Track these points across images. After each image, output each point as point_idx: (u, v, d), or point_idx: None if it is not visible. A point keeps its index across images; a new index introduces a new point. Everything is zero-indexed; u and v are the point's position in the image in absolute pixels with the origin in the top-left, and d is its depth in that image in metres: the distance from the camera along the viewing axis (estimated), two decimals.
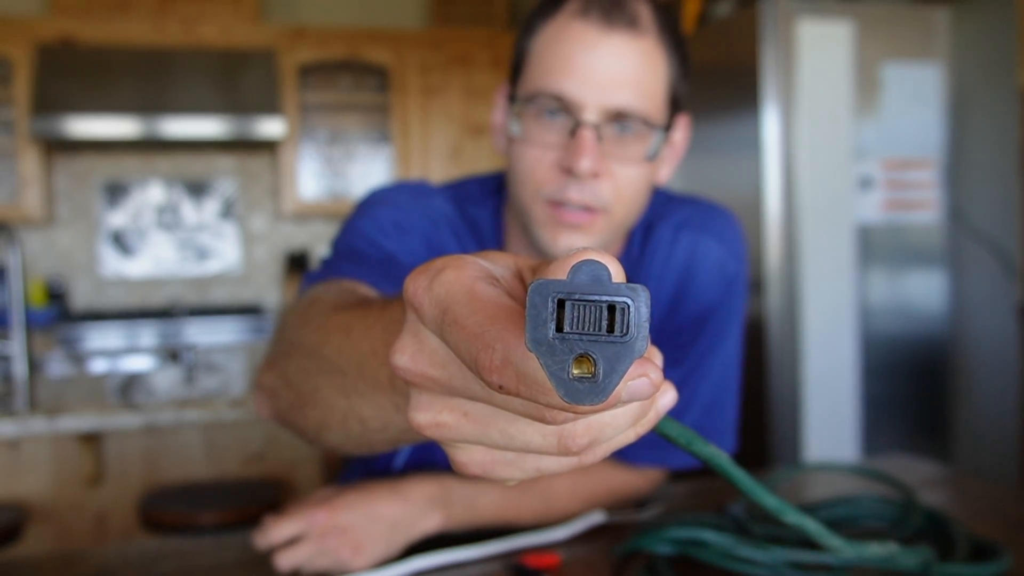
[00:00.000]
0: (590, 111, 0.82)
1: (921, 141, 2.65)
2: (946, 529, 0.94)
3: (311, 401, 0.62)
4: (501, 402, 0.36)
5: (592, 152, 0.81)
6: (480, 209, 0.97)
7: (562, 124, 0.83)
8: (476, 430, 0.37)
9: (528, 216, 0.87)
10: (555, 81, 0.82)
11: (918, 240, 2.65)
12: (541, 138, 0.83)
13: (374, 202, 0.95)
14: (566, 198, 0.83)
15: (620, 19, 0.82)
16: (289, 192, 4.38)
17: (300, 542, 0.83)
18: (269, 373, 0.72)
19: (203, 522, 1.99)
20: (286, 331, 0.71)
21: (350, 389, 0.56)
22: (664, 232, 0.97)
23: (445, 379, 0.37)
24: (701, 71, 2.87)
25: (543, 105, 0.83)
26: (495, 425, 0.37)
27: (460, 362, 0.36)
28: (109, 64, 4.07)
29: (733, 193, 2.68)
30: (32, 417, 1.88)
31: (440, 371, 0.37)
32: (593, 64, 0.81)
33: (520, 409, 0.35)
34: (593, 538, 1.00)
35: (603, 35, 0.81)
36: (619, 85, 0.82)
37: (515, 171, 0.87)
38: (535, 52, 0.85)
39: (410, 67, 4.46)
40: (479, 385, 0.36)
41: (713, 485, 1.24)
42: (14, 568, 0.96)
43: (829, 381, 2.54)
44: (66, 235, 4.38)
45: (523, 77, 0.86)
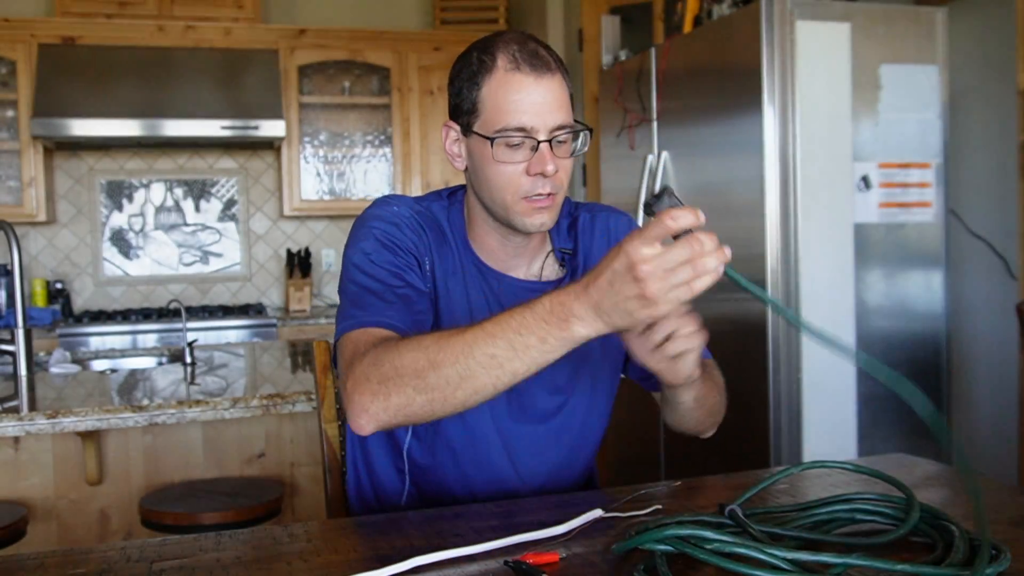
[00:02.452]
0: (542, 132, 1.19)
1: (919, 142, 2.65)
2: (945, 528, 0.94)
3: (463, 385, 1.02)
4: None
5: (551, 159, 1.19)
6: (435, 204, 1.32)
7: (525, 146, 1.19)
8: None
9: (508, 210, 1.22)
10: (514, 119, 1.18)
11: (916, 240, 2.66)
12: (511, 158, 1.19)
13: (361, 237, 1.26)
14: (538, 193, 1.20)
15: (541, 66, 1.19)
16: (290, 192, 4.38)
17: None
18: (384, 397, 1.05)
19: (204, 521, 1.99)
20: (387, 364, 1.05)
21: (504, 363, 1.00)
22: (584, 217, 1.38)
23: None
24: (700, 71, 2.88)
25: (510, 136, 1.18)
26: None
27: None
28: (111, 65, 4.07)
29: (732, 193, 2.69)
30: (34, 416, 1.89)
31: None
32: (535, 101, 1.18)
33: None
34: (592, 536, 1.00)
35: (536, 80, 1.18)
36: (553, 110, 1.19)
37: (494, 182, 1.21)
38: (489, 99, 1.20)
39: (410, 68, 4.47)
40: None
41: (713, 484, 1.25)
42: (16, 567, 0.96)
43: (828, 381, 2.55)
44: (68, 235, 4.38)
45: (483, 119, 1.20)
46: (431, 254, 1.26)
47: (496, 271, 1.29)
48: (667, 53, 3.02)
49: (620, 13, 3.77)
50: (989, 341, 3.11)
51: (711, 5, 2.87)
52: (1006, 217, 2.95)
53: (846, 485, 1.20)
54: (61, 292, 4.25)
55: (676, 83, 2.99)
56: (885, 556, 0.88)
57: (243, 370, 2.61)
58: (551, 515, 1.10)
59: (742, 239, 2.63)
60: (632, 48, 3.54)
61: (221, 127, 4.02)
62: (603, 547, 0.97)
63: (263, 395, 2.05)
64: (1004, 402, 2.99)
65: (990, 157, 3.07)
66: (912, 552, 0.93)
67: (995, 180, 3.04)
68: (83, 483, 2.21)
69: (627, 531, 0.96)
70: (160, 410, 1.97)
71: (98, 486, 2.22)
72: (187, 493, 2.15)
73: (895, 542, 0.94)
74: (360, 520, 1.13)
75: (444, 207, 1.32)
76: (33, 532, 2.11)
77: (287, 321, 4.10)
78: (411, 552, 0.95)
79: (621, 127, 3.34)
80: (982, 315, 3.12)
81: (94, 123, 3.91)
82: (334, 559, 0.96)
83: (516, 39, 1.21)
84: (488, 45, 1.21)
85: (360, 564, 0.94)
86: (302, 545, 1.02)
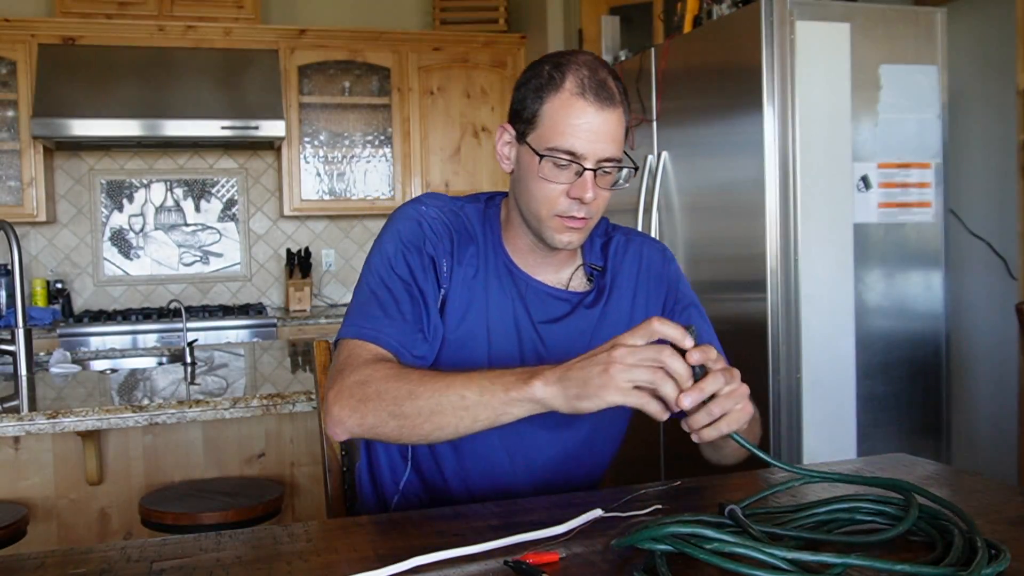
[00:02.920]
0: (589, 161, 1.22)
1: (918, 142, 2.65)
2: (945, 528, 0.95)
3: (431, 419, 1.11)
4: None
5: (592, 187, 1.22)
6: (470, 206, 1.36)
7: (571, 169, 1.22)
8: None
9: (541, 223, 1.26)
10: (567, 142, 1.21)
11: (916, 240, 2.66)
12: (556, 178, 1.23)
13: (386, 239, 1.30)
14: (572, 215, 1.24)
15: (606, 97, 1.21)
16: (290, 192, 4.39)
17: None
18: (361, 414, 1.14)
19: (204, 521, 1.99)
20: (372, 386, 1.14)
21: (472, 406, 1.09)
22: (619, 239, 1.42)
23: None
24: (700, 72, 2.88)
25: (558, 156, 1.21)
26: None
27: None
28: (111, 65, 4.07)
29: (732, 193, 2.69)
30: (34, 416, 1.89)
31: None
32: (591, 129, 1.21)
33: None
34: (592, 535, 1.01)
35: (597, 110, 1.21)
36: (605, 142, 1.22)
37: (533, 194, 1.25)
38: (548, 116, 1.23)
39: (410, 68, 4.47)
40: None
41: (713, 484, 1.25)
42: (16, 567, 0.96)
43: (828, 380, 2.55)
44: (68, 235, 4.38)
45: (537, 132, 1.24)
46: (450, 257, 1.29)
47: (525, 273, 1.32)
48: (667, 53, 3.02)
49: (620, 13, 3.77)
50: (989, 341, 3.11)
51: (711, 5, 2.87)
52: (1006, 217, 2.95)
53: (846, 485, 1.20)
54: (61, 292, 4.25)
55: (676, 83, 2.99)
56: (885, 556, 0.88)
57: (243, 370, 2.61)
58: (551, 515, 1.10)
59: (742, 239, 2.64)
60: (632, 48, 3.54)
61: (221, 127, 4.02)
62: (603, 547, 0.97)
63: (263, 395, 2.05)
64: (1004, 402, 3.00)
65: (990, 157, 3.07)
66: (912, 552, 0.93)
67: (995, 180, 3.04)
68: (83, 483, 2.21)
69: (627, 531, 0.96)
70: (160, 410, 1.97)
71: (98, 486, 2.22)
72: (187, 493, 2.15)
73: (895, 542, 0.94)
74: (360, 520, 1.13)
75: (480, 209, 1.36)
76: (33, 532, 2.11)
77: (287, 321, 4.10)
78: (411, 552, 0.95)
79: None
80: (982, 315, 3.12)
81: (94, 123, 3.92)
82: (334, 559, 0.96)
83: (589, 64, 1.23)
84: (561, 63, 1.23)
85: (360, 564, 0.94)
86: (302, 545, 1.02)
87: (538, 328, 1.31)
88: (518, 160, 1.28)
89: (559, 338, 1.31)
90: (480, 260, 1.31)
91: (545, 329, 1.31)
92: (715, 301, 2.67)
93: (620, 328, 1.32)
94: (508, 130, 1.29)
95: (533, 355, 1.30)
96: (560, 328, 1.32)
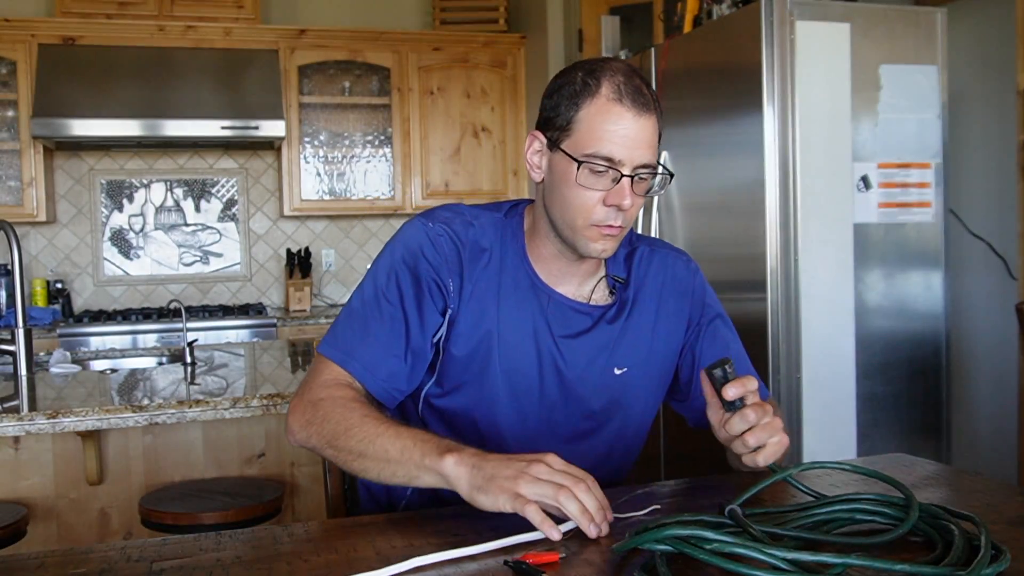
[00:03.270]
0: (627, 167, 1.20)
1: (918, 142, 2.65)
2: (945, 528, 0.95)
3: (358, 461, 1.14)
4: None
5: (630, 194, 1.21)
6: (487, 217, 1.33)
7: (608, 176, 1.21)
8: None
9: (576, 232, 1.24)
10: (605, 147, 1.19)
11: (916, 240, 2.66)
12: (593, 185, 1.21)
13: (386, 253, 1.30)
14: (607, 222, 1.22)
15: (642, 103, 1.20)
16: (290, 192, 4.39)
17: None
18: (307, 433, 1.20)
19: (204, 521, 1.99)
20: (322, 410, 1.19)
21: (392, 461, 1.11)
22: (643, 250, 1.40)
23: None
24: (700, 72, 2.88)
25: (595, 163, 1.20)
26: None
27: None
28: (111, 65, 4.07)
29: (732, 193, 2.69)
30: (34, 416, 1.89)
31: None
32: (628, 135, 1.20)
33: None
34: (592, 537, 1.00)
35: (635, 116, 1.20)
36: (642, 148, 1.21)
37: (569, 203, 1.23)
38: (584, 122, 1.21)
39: (410, 68, 4.47)
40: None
41: (713, 484, 1.25)
42: (16, 567, 0.96)
43: (828, 380, 2.55)
44: (68, 235, 4.38)
45: (573, 139, 1.22)
46: (458, 276, 1.27)
47: (547, 286, 1.31)
48: (667, 53, 3.02)
49: (620, 13, 3.77)
50: (989, 341, 3.11)
51: (711, 5, 2.87)
52: (1006, 217, 2.96)
53: (846, 485, 1.20)
54: (61, 292, 4.25)
55: (676, 83, 2.99)
56: (885, 556, 0.88)
57: (243, 370, 2.61)
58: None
59: (742, 239, 2.64)
60: (632, 48, 3.54)
61: (221, 127, 4.02)
62: (603, 548, 0.97)
63: (263, 395, 2.05)
64: (1004, 402, 3.00)
65: (990, 157, 3.07)
66: (912, 552, 0.93)
67: (995, 180, 3.04)
68: (83, 483, 2.21)
69: (627, 531, 0.96)
70: (160, 410, 1.97)
71: (98, 486, 2.22)
72: (187, 493, 2.15)
73: (895, 542, 0.94)
74: (360, 520, 1.13)
75: (498, 220, 1.33)
76: (33, 532, 2.11)
77: (287, 321, 4.10)
78: (411, 552, 0.95)
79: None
80: (982, 315, 3.12)
81: (94, 123, 3.92)
82: (334, 559, 0.96)
83: (624, 70, 1.22)
84: (595, 69, 1.22)
85: (360, 564, 0.94)
86: (302, 545, 1.02)
87: (558, 342, 1.30)
88: (550, 168, 1.26)
89: (579, 353, 1.30)
90: (496, 272, 1.29)
91: (565, 344, 1.30)
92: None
93: (641, 343, 1.34)
94: (539, 138, 1.27)
95: (552, 369, 1.29)
96: (580, 343, 1.31)
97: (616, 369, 1.32)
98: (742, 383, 1.09)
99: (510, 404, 1.29)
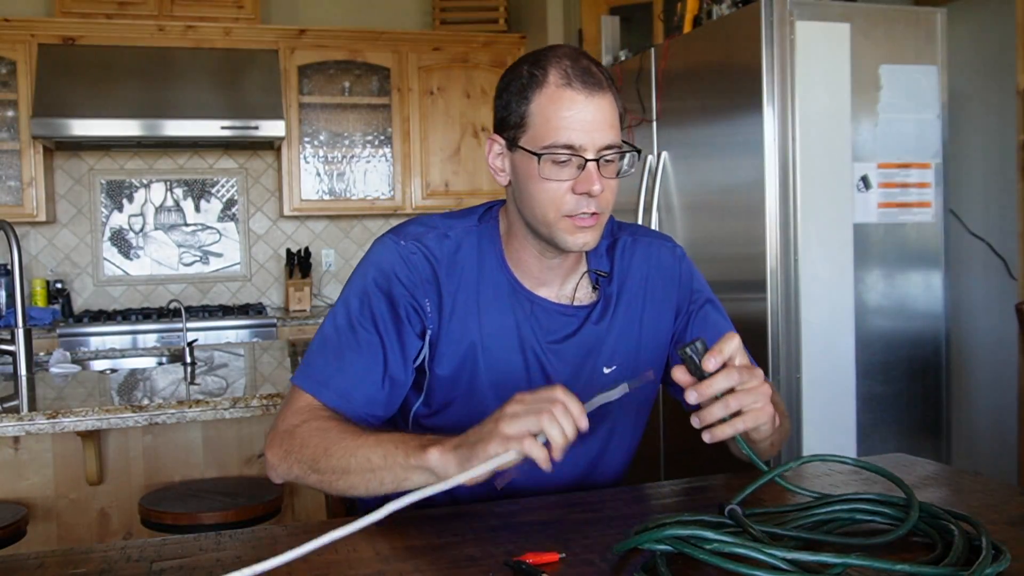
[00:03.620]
0: (590, 151, 1.16)
1: (918, 142, 2.65)
2: (945, 528, 0.95)
3: (343, 478, 1.11)
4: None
5: (598, 178, 1.16)
6: (460, 225, 1.29)
7: (573, 164, 1.17)
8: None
9: (551, 227, 1.19)
10: (563, 135, 1.15)
11: (916, 240, 2.66)
12: (557, 176, 1.17)
13: (358, 276, 1.26)
14: (581, 211, 1.18)
15: (592, 83, 1.17)
16: (290, 192, 4.39)
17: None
18: (288, 464, 1.16)
19: (204, 521, 1.99)
20: (298, 438, 1.16)
21: (377, 469, 1.08)
22: (625, 240, 1.36)
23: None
24: (700, 72, 2.88)
25: (557, 153, 1.16)
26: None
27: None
28: (111, 65, 4.07)
29: (732, 193, 2.69)
30: (34, 416, 1.89)
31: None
32: (585, 118, 1.16)
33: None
34: (592, 536, 1.01)
35: (587, 98, 1.16)
36: (602, 129, 1.17)
37: (538, 199, 1.19)
38: (538, 114, 1.17)
39: (410, 68, 4.47)
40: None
41: (713, 484, 1.25)
42: (16, 567, 0.96)
43: (828, 380, 2.55)
44: (68, 235, 4.38)
45: (530, 134, 1.18)
46: (435, 293, 1.24)
47: (529, 291, 1.27)
48: (667, 53, 3.02)
49: (620, 13, 3.77)
50: (989, 341, 3.11)
51: (711, 5, 2.87)
52: (1006, 217, 2.96)
53: (846, 485, 1.20)
54: (61, 292, 4.25)
55: (676, 83, 2.99)
56: (885, 556, 0.88)
57: (243, 370, 2.61)
58: (551, 515, 1.10)
59: (742, 239, 2.64)
60: (632, 48, 3.54)
61: (221, 127, 4.02)
62: (603, 547, 0.97)
63: (263, 395, 2.05)
64: (1004, 402, 3.00)
65: (990, 157, 3.07)
66: (912, 552, 0.93)
67: (995, 180, 3.04)
68: (83, 483, 2.21)
69: (627, 531, 0.96)
70: (160, 410, 1.97)
71: (98, 486, 2.22)
72: (187, 493, 2.15)
73: (894, 542, 0.94)
74: None
75: (473, 227, 1.29)
76: (33, 532, 2.11)
77: (287, 321, 4.10)
78: (411, 552, 0.95)
79: (621, 127, 3.33)
80: (982, 315, 3.12)
81: (94, 123, 3.91)
82: (334, 559, 0.96)
83: (569, 54, 1.19)
84: (540, 59, 1.19)
85: (360, 564, 0.94)
86: None
87: (545, 348, 1.27)
88: (514, 169, 1.22)
89: (566, 357, 1.28)
90: (475, 283, 1.25)
91: (552, 349, 1.27)
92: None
93: (629, 339, 1.30)
94: (497, 140, 1.24)
95: (540, 377, 1.26)
96: (567, 347, 1.28)
97: (605, 368, 1.29)
98: (719, 349, 1.03)
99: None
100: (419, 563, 0.93)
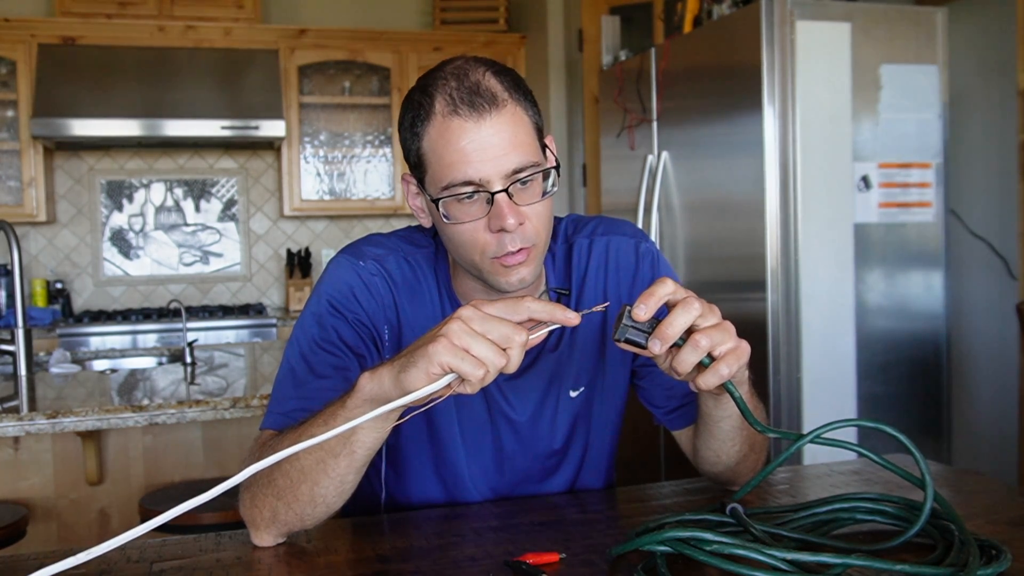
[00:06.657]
0: (495, 182, 1.00)
1: (919, 142, 2.65)
2: (946, 528, 0.94)
3: (307, 482, 0.96)
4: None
5: (511, 211, 1.01)
6: (416, 248, 1.17)
7: (479, 199, 1.02)
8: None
9: (480, 271, 1.06)
10: (460, 172, 1.00)
11: (916, 240, 2.66)
12: (467, 216, 1.02)
13: (313, 304, 1.14)
14: (505, 251, 1.03)
15: (482, 103, 1.00)
16: (290, 192, 4.39)
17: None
18: (260, 507, 1.00)
19: (204, 521, 1.99)
20: (262, 474, 0.98)
21: (328, 445, 0.92)
22: (581, 243, 1.20)
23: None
24: (700, 72, 2.88)
25: (458, 192, 1.01)
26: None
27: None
28: (111, 65, 4.07)
29: (732, 193, 2.69)
30: (34, 416, 1.89)
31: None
32: (481, 146, 1.00)
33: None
34: (592, 536, 1.01)
35: (477, 122, 1.00)
36: (506, 152, 1.00)
37: (455, 242, 1.06)
38: (430, 152, 1.03)
39: (410, 68, 4.47)
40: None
41: (713, 485, 1.25)
42: (16, 566, 0.96)
43: (828, 380, 2.55)
44: (68, 235, 4.38)
45: (429, 174, 1.04)
46: (394, 321, 1.13)
47: None
48: (667, 53, 3.02)
49: (620, 13, 3.77)
50: (989, 341, 3.11)
51: (711, 5, 2.87)
52: (1006, 217, 2.95)
53: (846, 485, 1.20)
54: (61, 292, 4.25)
55: (676, 83, 2.99)
56: (884, 556, 0.88)
57: (243, 370, 2.61)
58: (551, 515, 1.10)
59: (742, 239, 2.64)
60: (632, 48, 3.54)
61: (221, 127, 4.02)
62: (603, 547, 0.97)
63: (263, 395, 2.05)
64: (1004, 402, 2.99)
65: (990, 157, 3.07)
66: (912, 552, 0.93)
67: (995, 180, 3.04)
68: (83, 483, 2.21)
69: (627, 532, 0.96)
70: (160, 410, 1.97)
71: (98, 486, 2.22)
72: (187, 493, 2.15)
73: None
74: (360, 520, 1.13)
75: (431, 255, 1.17)
76: (33, 532, 2.11)
77: (287, 321, 4.10)
78: (412, 553, 0.95)
79: (621, 127, 3.34)
80: (982, 315, 3.12)
81: (94, 123, 3.91)
82: (334, 559, 0.96)
83: (455, 72, 1.03)
84: (428, 83, 1.05)
85: (360, 564, 0.94)
86: (302, 545, 1.02)
87: (502, 387, 1.15)
88: (430, 210, 1.09)
89: (525, 393, 1.16)
90: (431, 318, 1.13)
91: (509, 387, 1.15)
92: (715, 301, 2.66)
93: (591, 356, 1.19)
94: (410, 180, 1.10)
95: (502, 419, 1.16)
96: (524, 382, 1.16)
97: (572, 392, 1.19)
98: (650, 292, 0.88)
99: (475, 477, 1.17)
100: (419, 563, 0.93)
